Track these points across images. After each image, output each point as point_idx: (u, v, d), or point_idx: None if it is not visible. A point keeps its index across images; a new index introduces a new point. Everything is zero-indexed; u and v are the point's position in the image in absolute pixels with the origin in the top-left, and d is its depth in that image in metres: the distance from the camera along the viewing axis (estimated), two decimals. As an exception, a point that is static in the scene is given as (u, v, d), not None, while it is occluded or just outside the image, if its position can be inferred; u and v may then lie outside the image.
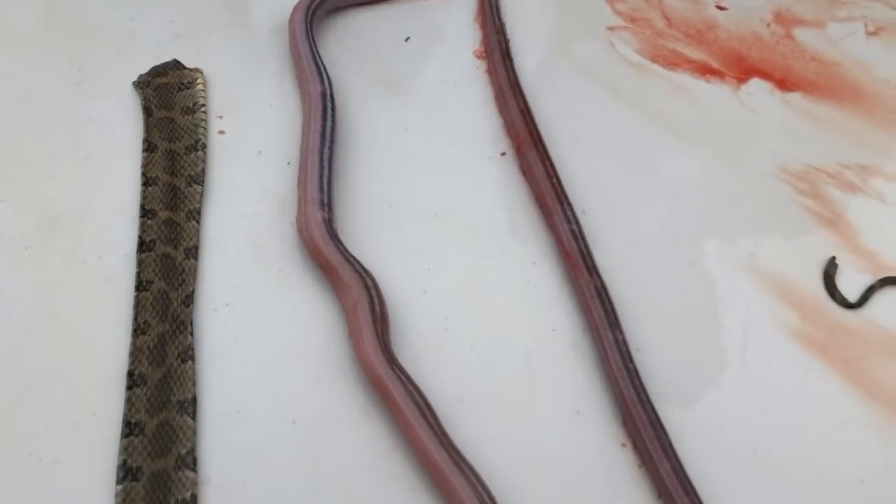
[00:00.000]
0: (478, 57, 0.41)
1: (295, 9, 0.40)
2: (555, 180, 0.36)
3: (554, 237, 0.35)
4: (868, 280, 0.34)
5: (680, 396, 0.31)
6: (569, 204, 0.35)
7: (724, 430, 0.30)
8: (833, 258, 0.35)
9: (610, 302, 0.32)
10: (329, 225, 0.33)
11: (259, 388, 0.30)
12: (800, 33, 0.44)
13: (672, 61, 0.42)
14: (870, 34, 0.44)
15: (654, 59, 0.42)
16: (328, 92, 0.37)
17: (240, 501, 0.28)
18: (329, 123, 0.36)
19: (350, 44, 0.41)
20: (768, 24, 0.44)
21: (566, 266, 0.34)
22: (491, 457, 0.29)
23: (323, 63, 0.38)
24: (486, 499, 0.27)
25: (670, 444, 0.29)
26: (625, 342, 0.31)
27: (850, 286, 0.34)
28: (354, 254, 0.33)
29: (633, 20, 0.44)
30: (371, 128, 0.38)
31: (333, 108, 0.37)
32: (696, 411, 0.31)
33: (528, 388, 0.31)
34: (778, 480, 0.29)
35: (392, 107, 0.39)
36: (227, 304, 0.32)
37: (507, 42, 0.41)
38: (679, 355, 0.32)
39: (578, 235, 0.34)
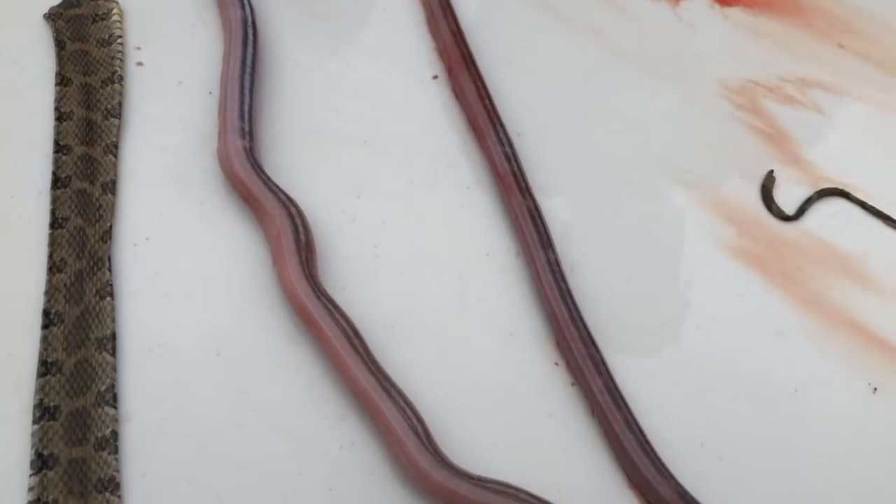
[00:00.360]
0: (408, -21, 0.40)
1: (214, -67, 0.39)
2: (487, 102, 0.34)
3: (487, 160, 0.34)
4: (806, 192, 0.34)
5: (615, 315, 0.30)
6: (502, 126, 0.34)
7: (660, 346, 0.30)
8: (771, 171, 0.34)
9: (543, 223, 0.31)
10: (250, 153, 0.32)
11: (182, 321, 0.29)
12: (740, -53, 0.43)
13: (610, -21, 0.41)
14: (811, -55, 0.43)
15: (590, -22, 0.41)
16: (249, 18, 0.36)
17: (162, 436, 0.27)
18: (250, 50, 0.35)
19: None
20: (709, -61, 0.43)
21: (500, 189, 0.33)
22: (423, 381, 0.28)
23: (244, -12, 0.37)
24: (415, 422, 0.27)
25: (602, 362, 0.28)
26: (557, 262, 0.31)
27: (789, 199, 0.34)
28: (280, 183, 0.32)
29: (570, -62, 0.42)
30: (297, 53, 0.37)
31: (255, 35, 0.35)
32: (631, 329, 0.30)
33: (461, 312, 0.30)
34: (713, 393, 0.29)
35: (319, 32, 0.37)
36: (147, 239, 0.31)
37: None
38: (614, 274, 0.32)
39: (512, 157, 0.33)
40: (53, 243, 0.30)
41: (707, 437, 0.28)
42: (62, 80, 0.35)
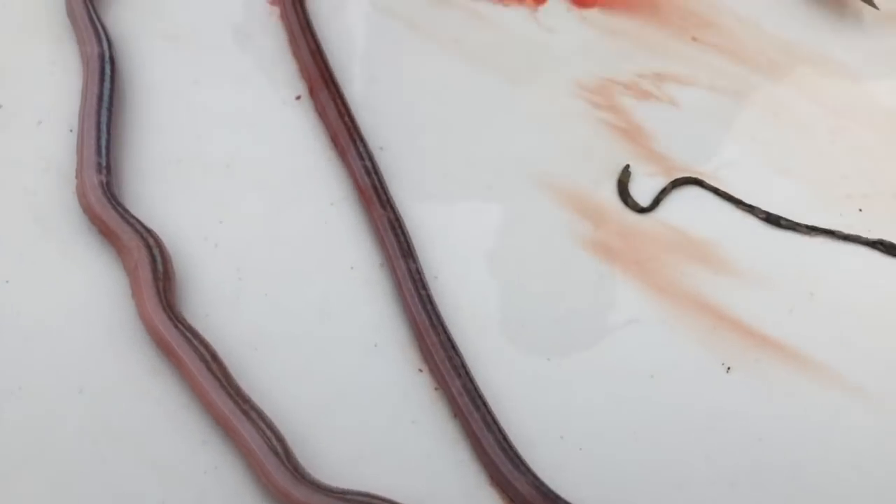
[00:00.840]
0: (271, 3, 0.40)
1: (70, -30, 0.39)
2: (347, 119, 0.35)
3: (349, 175, 0.34)
4: (662, 183, 0.35)
5: (478, 317, 0.31)
6: (362, 141, 0.35)
7: (522, 343, 0.31)
8: (627, 166, 0.35)
9: (404, 233, 0.32)
10: (108, 188, 0.32)
11: (44, 361, 0.29)
12: (597, -50, 0.44)
13: (470, -11, 0.42)
14: (665, -55, 0.44)
15: (452, -11, 0.41)
16: (106, 53, 0.36)
17: (24, 478, 0.27)
18: (107, 85, 0.35)
19: (136, 1, 0.40)
20: (567, -56, 0.44)
21: (362, 202, 0.33)
22: (288, 399, 0.29)
23: (102, 24, 0.37)
24: (275, 442, 0.27)
25: (462, 364, 0.29)
26: (418, 270, 0.31)
27: (645, 191, 0.35)
28: (142, 213, 0.32)
29: (430, -48, 0.43)
30: (160, 84, 0.37)
31: (113, 69, 0.35)
32: (494, 328, 0.31)
33: (325, 327, 0.31)
34: (571, 385, 0.30)
35: (182, 61, 0.38)
36: (7, 282, 0.31)
37: (297, -17, 0.40)
38: (478, 277, 0.32)
39: (372, 171, 0.34)
40: None
41: (567, 430, 0.29)
42: (-83, 128, 0.34)
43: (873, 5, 0.40)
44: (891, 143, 0.37)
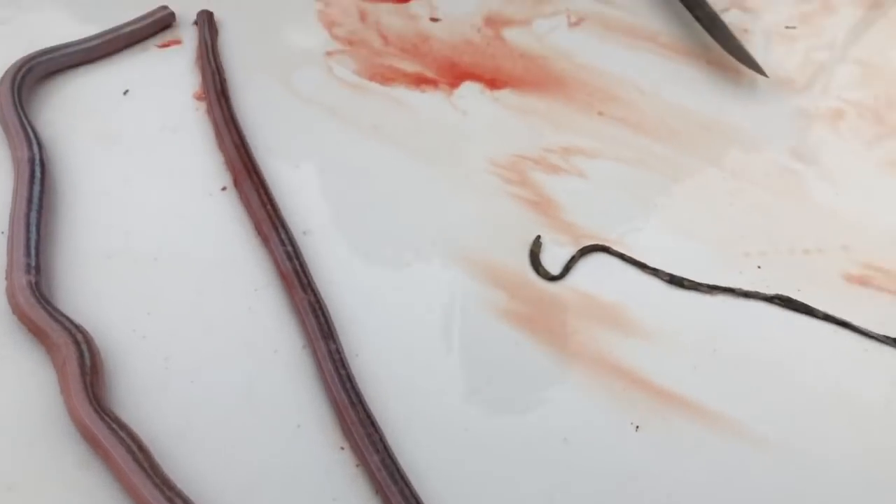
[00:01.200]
0: (197, 99, 0.42)
1: (1, 79, 0.40)
2: (269, 207, 0.37)
3: (272, 261, 0.36)
4: (571, 251, 0.37)
5: (398, 392, 0.33)
6: (284, 227, 0.36)
7: (440, 414, 0.32)
8: (538, 237, 0.37)
9: (325, 314, 0.34)
10: (36, 288, 0.33)
11: (-28, 463, 0.30)
12: (508, 33, 0.47)
13: (388, 77, 0.44)
14: (572, 25, 0.47)
15: (372, 78, 0.44)
16: (37, 156, 0.37)
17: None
18: (37, 188, 0.36)
19: (68, 104, 0.41)
20: (479, 29, 0.47)
21: (284, 287, 0.35)
22: (214, 484, 0.30)
23: (33, 128, 0.39)
24: (200, 527, 0.28)
25: (380, 440, 0.30)
26: (338, 351, 0.33)
27: (556, 259, 0.37)
28: (73, 310, 0.33)
29: (351, 43, 0.46)
30: (91, 183, 0.38)
31: (43, 172, 0.37)
32: (413, 402, 0.32)
33: (250, 411, 0.32)
34: (489, 452, 0.31)
35: (112, 160, 0.39)
36: (-62, 386, 0.32)
37: (222, 81, 0.42)
38: (397, 353, 0.34)
39: (293, 256, 0.35)
40: None
41: (486, 498, 0.30)
42: None
43: (763, 73, 0.43)
44: (786, 201, 0.40)
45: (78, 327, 0.32)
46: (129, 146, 0.40)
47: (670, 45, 0.46)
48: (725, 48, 0.44)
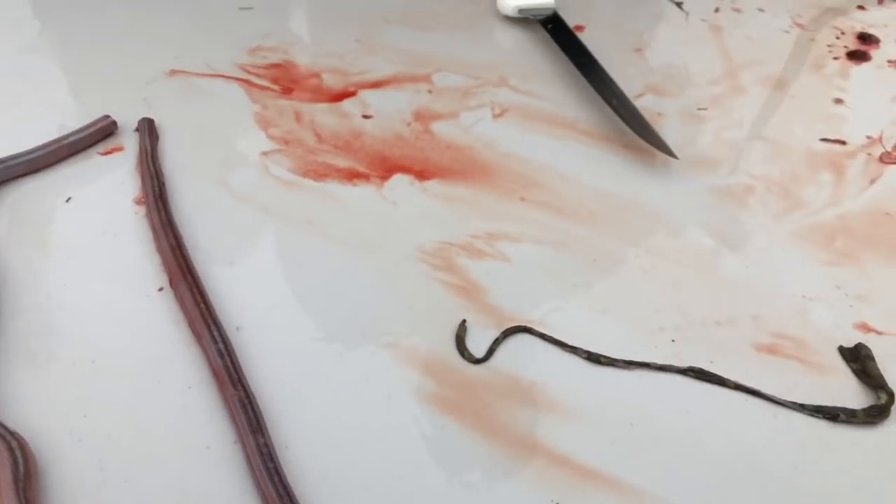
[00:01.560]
0: (137, 203, 0.44)
1: (-54, 199, 0.42)
2: (202, 305, 0.38)
3: (205, 358, 0.37)
4: (495, 334, 0.39)
5: (327, 482, 0.34)
6: (216, 324, 0.38)
7: (369, 502, 0.33)
8: (463, 321, 0.39)
9: (254, 409, 0.35)
10: (-28, 397, 0.34)
11: None
12: (436, 126, 0.49)
13: (322, 173, 0.46)
14: (496, 116, 0.50)
15: (306, 175, 0.46)
16: (-23, 268, 0.39)
17: None
18: (-23, 297, 0.38)
19: (10, 214, 0.43)
20: (409, 124, 0.49)
21: (216, 383, 0.36)
22: (145, 585, 0.30)
23: (-25, 240, 0.40)
24: None
25: (307, 530, 0.31)
26: (266, 444, 0.34)
27: (481, 342, 0.39)
28: (10, 416, 0.34)
29: (286, 142, 0.48)
30: (31, 290, 0.40)
31: (-17, 283, 0.39)
32: (342, 491, 0.33)
33: (182, 508, 0.33)
34: (414, 538, 0.32)
35: (52, 267, 0.41)
36: None
37: (161, 185, 0.44)
38: (327, 443, 0.35)
39: (225, 352, 0.37)
40: None
41: (409, 582, 0.31)
42: None
43: (673, 155, 0.46)
44: (699, 276, 0.42)
45: (13, 433, 0.33)
46: (69, 252, 0.42)
47: (588, 131, 0.49)
48: (637, 133, 0.47)
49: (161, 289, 0.40)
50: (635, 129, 0.47)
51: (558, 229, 0.44)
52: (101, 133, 0.47)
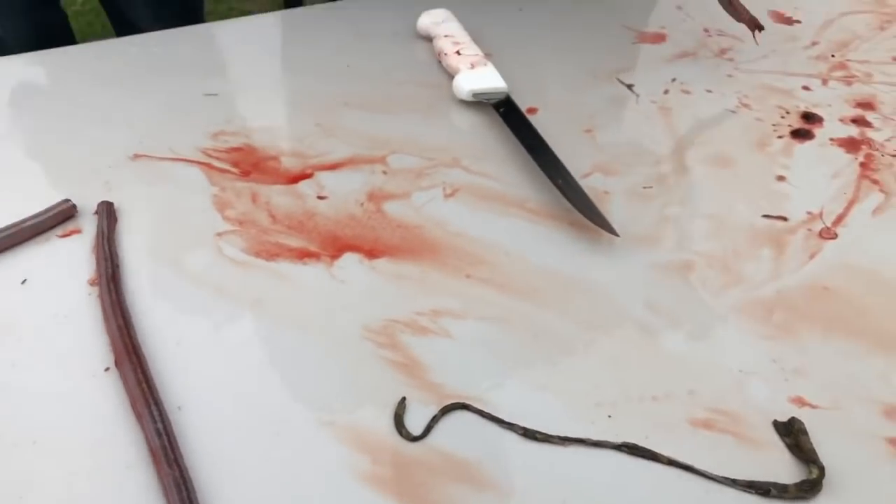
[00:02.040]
0: (91, 284, 0.45)
1: None
2: (144, 385, 0.39)
3: (144, 438, 0.37)
4: (434, 411, 0.39)
5: (258, 562, 0.34)
6: (157, 404, 0.38)
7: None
8: (403, 399, 0.40)
9: (188, 489, 0.35)
10: None
11: None
12: (389, 206, 0.51)
13: (273, 253, 0.47)
14: (447, 196, 0.52)
15: (258, 255, 0.47)
16: (-73, 348, 0.40)
17: None
18: (-77, 379, 0.38)
19: (-36, 296, 0.44)
20: (362, 204, 0.51)
21: (153, 463, 0.36)
22: None
23: (-73, 321, 0.41)
24: None
25: None
26: (198, 525, 0.34)
27: (420, 419, 0.39)
28: (-55, 500, 0.35)
29: (241, 223, 0.49)
30: (-21, 372, 0.41)
31: (-69, 363, 0.39)
32: (272, 573, 0.34)
33: (110, 591, 0.33)
34: None
35: (2, 349, 0.42)
36: None
37: (115, 267, 0.45)
38: (261, 523, 0.35)
39: (163, 432, 0.37)
40: None
41: None
42: None
43: (615, 234, 0.47)
44: (638, 351, 0.42)
45: (-55, 516, 0.34)
46: (21, 334, 0.42)
47: (536, 210, 0.51)
48: (582, 212, 0.48)
49: (107, 369, 0.41)
50: (580, 208, 0.49)
51: (502, 306, 0.45)
52: (61, 216, 0.49)
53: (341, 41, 0.67)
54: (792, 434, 0.38)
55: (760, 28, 0.64)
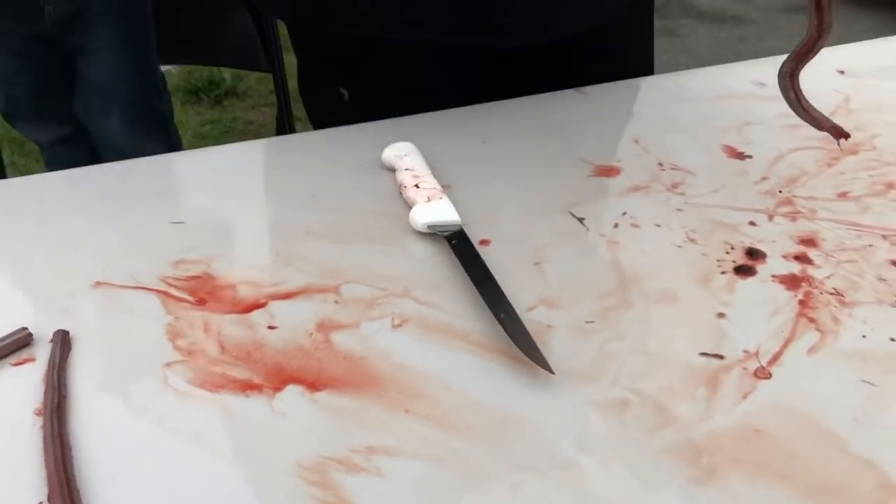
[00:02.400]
0: (37, 415, 0.46)
1: None
2: (73, 521, 0.40)
3: (67, 578, 0.38)
4: (358, 554, 0.40)
5: None
6: (83, 542, 0.39)
7: None
8: (328, 540, 0.40)
9: None
10: None
11: None
12: (336, 337, 0.52)
13: (218, 384, 0.49)
14: (395, 327, 0.53)
15: (202, 386, 0.48)
16: None
17: None
18: None
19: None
20: (311, 334, 0.52)
21: None
22: None
23: None
24: None
25: None
26: None
27: (343, 563, 0.39)
28: None
29: (190, 353, 0.51)
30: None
31: None
32: None
33: None
34: None
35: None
36: None
37: (61, 398, 0.46)
38: None
39: (85, 571, 0.38)
40: None
41: None
42: None
43: (550, 370, 0.49)
44: (566, 491, 0.43)
45: None
46: (-40, 468, 0.43)
47: (480, 342, 0.52)
48: (520, 347, 0.50)
49: (41, 503, 0.41)
50: (518, 343, 0.50)
51: (436, 442, 0.45)
52: (17, 344, 0.50)
53: (308, 171, 0.70)
54: (711, 585, 0.38)
55: (846, 136, 0.62)
